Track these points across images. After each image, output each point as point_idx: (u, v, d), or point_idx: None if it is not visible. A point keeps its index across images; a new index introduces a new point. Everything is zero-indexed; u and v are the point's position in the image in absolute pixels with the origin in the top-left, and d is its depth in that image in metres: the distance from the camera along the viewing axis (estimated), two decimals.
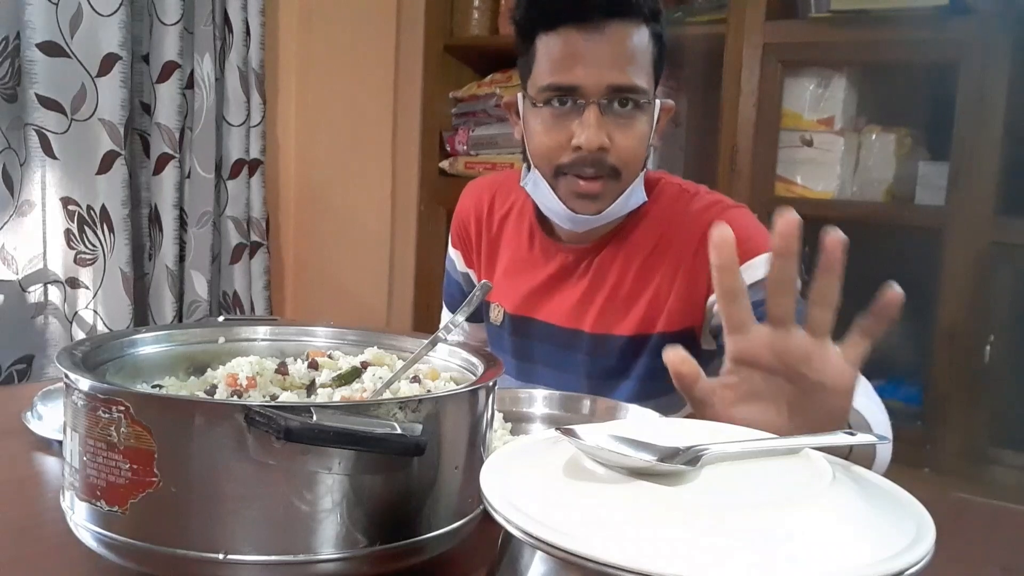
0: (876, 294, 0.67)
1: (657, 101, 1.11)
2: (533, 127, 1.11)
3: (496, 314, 1.29)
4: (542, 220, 1.25)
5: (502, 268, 1.29)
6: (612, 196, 1.10)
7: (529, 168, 1.16)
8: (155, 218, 1.93)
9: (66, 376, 0.61)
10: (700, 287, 1.12)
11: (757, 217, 1.18)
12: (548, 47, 1.07)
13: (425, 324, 2.52)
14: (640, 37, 1.06)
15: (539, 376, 1.22)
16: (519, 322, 1.26)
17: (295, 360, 0.82)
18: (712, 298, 1.12)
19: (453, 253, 1.38)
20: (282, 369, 0.77)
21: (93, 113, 1.76)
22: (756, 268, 1.08)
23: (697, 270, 1.12)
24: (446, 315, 1.39)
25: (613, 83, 1.05)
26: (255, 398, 0.72)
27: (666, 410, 1.15)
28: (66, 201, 1.75)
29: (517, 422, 0.95)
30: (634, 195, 1.13)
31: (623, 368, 1.18)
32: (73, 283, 1.79)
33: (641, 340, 1.16)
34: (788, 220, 0.65)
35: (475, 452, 0.65)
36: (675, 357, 0.68)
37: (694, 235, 1.13)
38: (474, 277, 1.35)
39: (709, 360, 1.22)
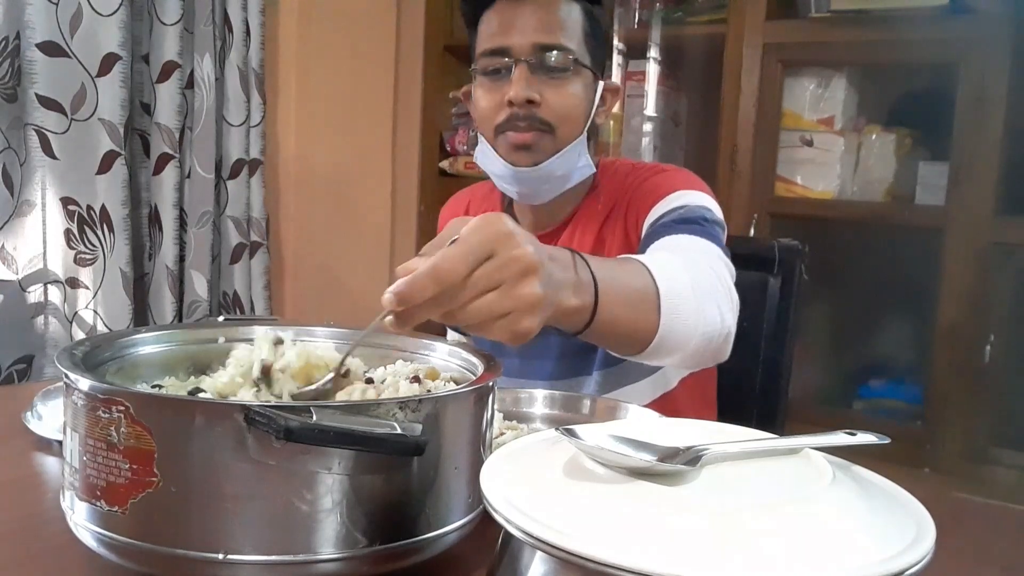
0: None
1: (601, 82, 1.18)
2: (477, 96, 1.17)
3: None
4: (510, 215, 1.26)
5: None
6: (548, 150, 1.14)
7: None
8: (155, 218, 1.93)
9: (66, 376, 0.61)
10: (637, 232, 1.14)
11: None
12: (487, 23, 1.15)
13: (425, 324, 2.51)
14: (569, 9, 1.14)
15: (514, 367, 1.23)
16: None
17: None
18: (648, 219, 1.13)
19: None
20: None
21: (93, 113, 1.76)
22: (677, 197, 1.12)
23: (630, 219, 1.15)
24: (451, 332, 1.40)
25: (539, 41, 1.11)
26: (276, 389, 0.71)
27: (636, 371, 1.16)
28: (66, 201, 1.75)
29: (517, 422, 0.95)
30: (580, 162, 1.17)
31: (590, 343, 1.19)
32: (73, 283, 1.79)
33: None
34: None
35: (475, 452, 0.65)
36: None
37: (631, 192, 1.17)
38: None
39: None
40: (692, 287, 0.88)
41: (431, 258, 0.63)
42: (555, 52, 1.11)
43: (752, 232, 1.97)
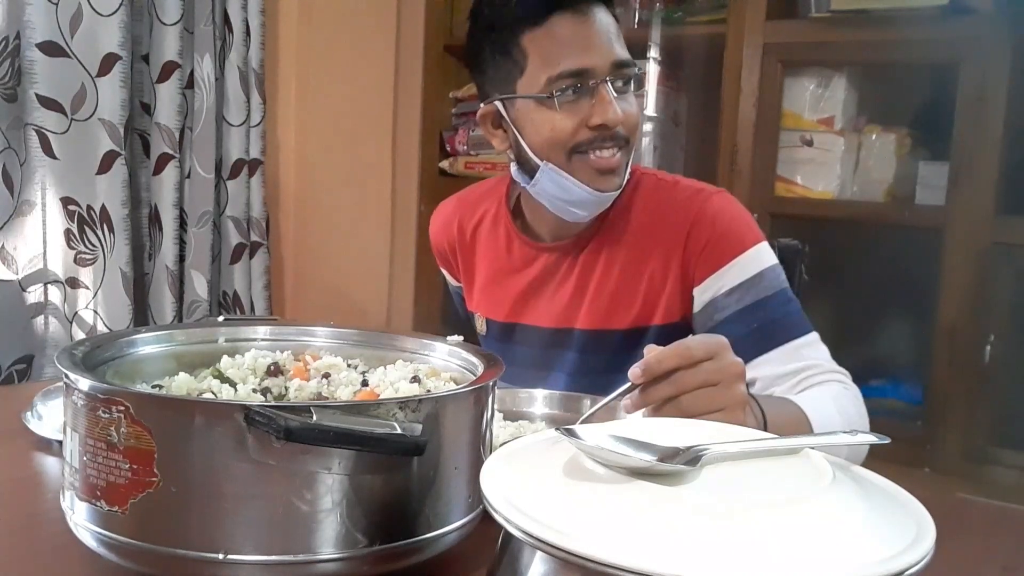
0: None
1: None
2: (540, 121, 1.10)
3: (480, 324, 1.30)
4: (520, 225, 1.26)
5: (481, 279, 1.30)
6: (626, 167, 1.13)
7: (530, 173, 1.14)
8: (155, 218, 1.93)
9: (66, 376, 0.61)
10: (690, 276, 1.14)
11: (757, 218, 1.19)
12: (546, 39, 1.08)
13: (425, 324, 2.51)
14: (611, 17, 1.12)
15: (523, 379, 1.21)
16: (505, 329, 1.27)
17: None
18: (698, 289, 1.13)
19: (443, 271, 1.42)
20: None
21: (93, 113, 1.76)
22: (741, 268, 1.10)
23: (688, 259, 1.14)
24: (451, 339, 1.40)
25: (617, 59, 1.09)
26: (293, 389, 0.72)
27: None
28: (66, 201, 1.75)
29: (517, 422, 0.95)
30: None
31: (617, 363, 1.17)
32: (73, 283, 1.79)
33: (639, 333, 1.17)
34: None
35: (475, 452, 0.65)
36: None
37: (683, 224, 1.14)
38: (463, 290, 1.37)
39: None
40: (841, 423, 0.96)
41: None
42: (631, 67, 1.10)
43: None
